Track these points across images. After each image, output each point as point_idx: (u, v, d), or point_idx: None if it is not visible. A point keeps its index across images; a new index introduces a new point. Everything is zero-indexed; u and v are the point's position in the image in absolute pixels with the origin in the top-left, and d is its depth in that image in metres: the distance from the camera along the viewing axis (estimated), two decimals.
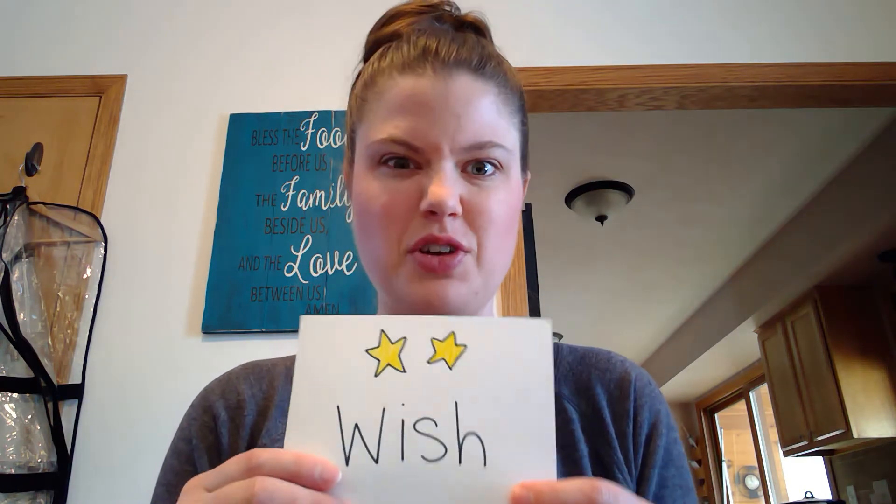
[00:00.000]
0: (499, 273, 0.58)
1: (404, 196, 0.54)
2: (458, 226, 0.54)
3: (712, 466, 6.03)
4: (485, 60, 0.57)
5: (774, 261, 3.86)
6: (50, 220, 1.66)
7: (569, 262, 4.13)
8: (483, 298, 0.58)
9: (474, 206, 0.55)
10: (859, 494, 3.90)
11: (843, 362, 3.45)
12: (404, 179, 0.55)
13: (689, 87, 1.85)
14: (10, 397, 1.46)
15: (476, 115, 0.55)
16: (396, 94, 0.56)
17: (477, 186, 0.55)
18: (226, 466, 0.38)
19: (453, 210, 0.53)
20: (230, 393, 0.60)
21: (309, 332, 0.40)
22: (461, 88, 0.55)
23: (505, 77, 0.59)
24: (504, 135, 0.56)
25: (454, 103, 0.54)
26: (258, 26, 1.95)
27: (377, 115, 0.57)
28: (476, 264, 0.55)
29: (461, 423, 0.38)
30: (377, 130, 0.56)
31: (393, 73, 0.57)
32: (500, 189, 0.56)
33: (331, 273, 1.62)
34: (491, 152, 0.55)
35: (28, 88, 1.85)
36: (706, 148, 2.95)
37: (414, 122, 0.54)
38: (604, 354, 0.63)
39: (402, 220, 0.54)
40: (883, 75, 1.84)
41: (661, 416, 0.59)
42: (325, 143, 1.77)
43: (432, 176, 0.53)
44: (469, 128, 0.54)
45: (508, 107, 0.58)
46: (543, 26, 1.94)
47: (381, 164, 0.56)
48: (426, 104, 0.54)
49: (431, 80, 0.55)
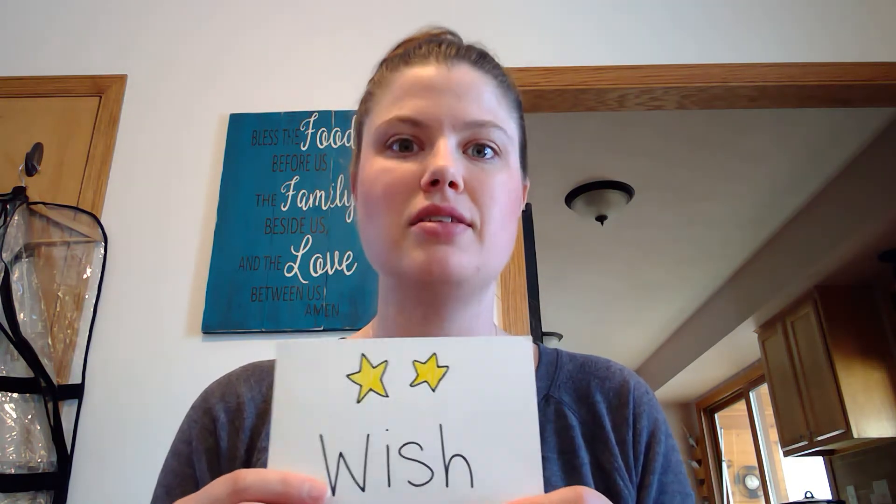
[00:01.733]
0: (499, 254, 0.58)
1: (407, 174, 0.56)
2: (461, 199, 0.55)
3: (712, 466, 6.03)
4: (484, 57, 0.61)
5: (774, 261, 3.86)
6: (50, 220, 1.66)
7: (569, 262, 4.13)
8: (484, 276, 0.58)
9: (476, 183, 0.56)
10: (859, 494, 3.90)
11: (843, 362, 3.45)
12: (407, 160, 0.57)
13: (689, 87, 1.85)
14: (10, 397, 1.46)
15: (477, 97, 0.58)
16: (402, 82, 0.59)
17: (478, 167, 0.57)
18: (212, 488, 0.37)
19: (453, 178, 0.54)
20: (230, 395, 0.61)
21: (287, 357, 0.39)
22: (463, 74, 0.59)
23: (503, 74, 0.62)
24: (504, 120, 0.59)
25: (456, 85, 0.58)
26: (258, 26, 1.95)
27: (384, 103, 0.60)
28: (478, 240, 0.56)
29: (446, 446, 0.38)
30: (384, 114, 0.59)
31: (400, 67, 0.60)
32: (501, 172, 0.58)
33: (331, 273, 1.62)
34: (491, 132, 0.57)
35: (28, 88, 1.85)
36: (706, 148, 2.95)
37: (418, 102, 0.57)
38: (603, 363, 0.65)
39: (404, 196, 0.56)
40: (883, 75, 1.84)
41: (659, 424, 0.61)
42: (325, 143, 1.76)
43: (435, 152, 0.55)
44: (470, 106, 0.57)
45: (507, 99, 0.61)
46: (543, 26, 1.94)
47: (387, 147, 0.58)
48: (430, 86, 0.58)
49: (435, 68, 0.59)
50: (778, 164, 3.11)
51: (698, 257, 4.12)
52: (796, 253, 3.60)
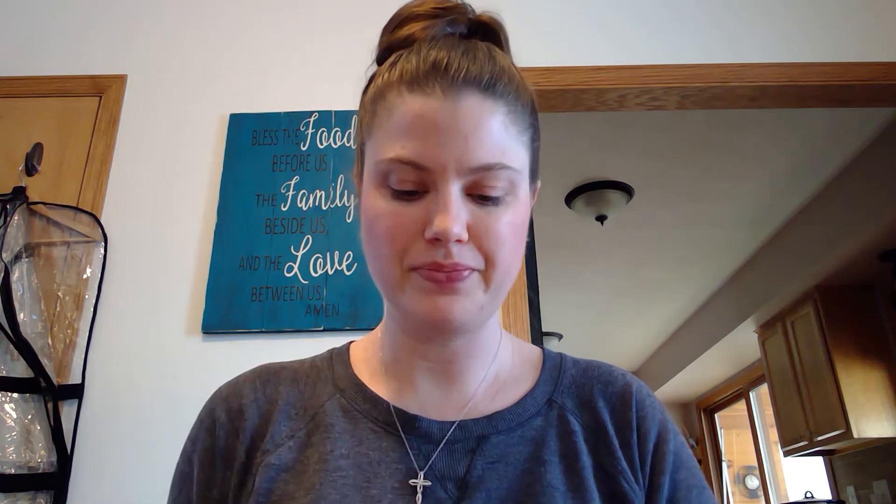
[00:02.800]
0: (505, 290, 0.58)
1: (410, 220, 0.54)
2: (465, 250, 0.54)
3: (712, 466, 6.03)
4: (495, 78, 0.55)
5: (774, 260, 3.86)
6: (50, 220, 1.66)
7: (569, 262, 4.13)
8: (488, 314, 0.58)
9: (482, 230, 0.54)
10: (859, 494, 3.90)
11: (843, 362, 3.45)
12: (411, 203, 0.54)
13: (689, 87, 1.85)
14: (10, 397, 1.46)
15: (484, 137, 0.54)
16: (405, 114, 0.55)
17: (485, 210, 0.54)
18: None
19: (458, 237, 0.53)
20: (233, 397, 0.63)
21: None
22: (469, 109, 0.54)
23: (516, 93, 0.57)
24: (512, 156, 0.55)
25: (462, 124, 0.53)
26: (258, 27, 1.95)
27: (385, 132, 0.56)
28: (483, 283, 0.55)
29: None
30: (385, 149, 0.55)
31: (402, 90, 0.55)
32: (508, 211, 0.56)
33: (331, 273, 1.62)
34: (498, 174, 0.54)
35: (28, 88, 1.85)
36: (706, 148, 2.95)
37: (421, 143, 0.53)
38: (605, 368, 0.65)
39: (407, 242, 0.54)
40: (883, 75, 1.83)
41: (665, 424, 0.62)
42: (325, 143, 1.76)
43: (439, 201, 0.53)
44: (476, 149, 0.53)
45: (518, 125, 0.57)
46: (543, 26, 1.94)
47: (389, 185, 0.55)
48: (434, 125, 0.53)
49: (440, 101, 0.54)
50: (778, 163, 3.11)
51: (698, 257, 4.12)
52: (796, 253, 3.60)
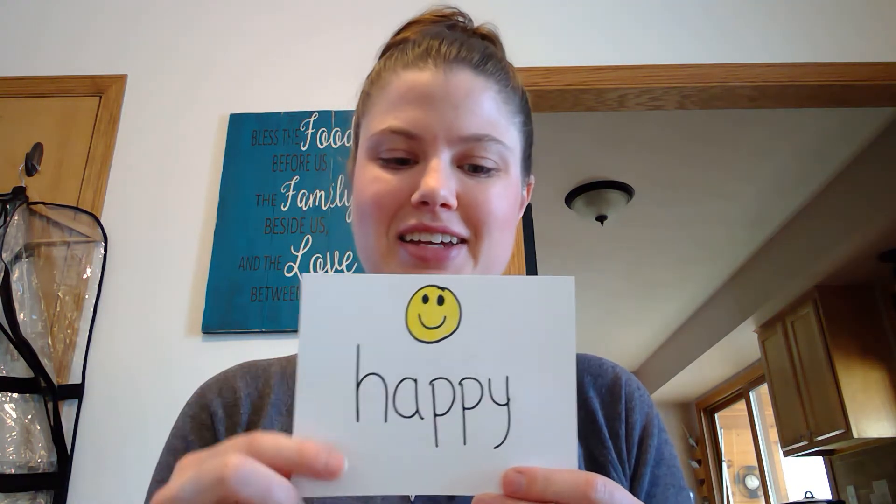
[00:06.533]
0: (494, 265, 0.58)
1: (398, 187, 0.55)
2: (454, 216, 0.54)
3: (712, 466, 6.02)
4: (486, 59, 0.58)
5: (774, 260, 3.86)
6: (50, 220, 1.66)
7: (569, 262, 4.13)
8: None
9: (471, 199, 0.55)
10: (859, 494, 3.90)
11: (843, 362, 3.45)
12: (400, 171, 0.55)
13: (689, 87, 1.85)
14: (10, 397, 1.46)
15: (475, 108, 0.55)
16: (398, 87, 0.57)
17: (474, 180, 0.56)
18: (226, 443, 0.36)
19: (445, 200, 0.53)
20: (227, 391, 0.61)
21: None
22: (461, 81, 0.56)
23: (507, 77, 0.60)
24: (503, 132, 0.57)
25: (453, 94, 0.55)
26: (258, 26, 1.95)
27: (379, 107, 0.58)
28: (471, 258, 0.56)
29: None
30: (378, 122, 0.57)
31: (397, 69, 0.58)
32: (499, 184, 0.56)
33: (331, 273, 1.62)
34: (488, 146, 0.55)
35: (28, 88, 1.85)
36: (706, 148, 2.95)
37: (412, 113, 0.55)
38: (595, 360, 0.65)
39: (394, 209, 0.55)
40: (883, 75, 1.83)
41: (651, 417, 0.62)
42: (325, 143, 1.76)
43: (428, 168, 0.54)
44: (466, 119, 0.55)
45: (509, 105, 0.59)
46: (543, 26, 1.94)
47: (381, 157, 0.56)
48: (426, 95, 0.55)
49: (432, 73, 0.56)
50: (778, 163, 3.10)
51: (698, 257, 4.12)
52: (796, 253, 3.60)
